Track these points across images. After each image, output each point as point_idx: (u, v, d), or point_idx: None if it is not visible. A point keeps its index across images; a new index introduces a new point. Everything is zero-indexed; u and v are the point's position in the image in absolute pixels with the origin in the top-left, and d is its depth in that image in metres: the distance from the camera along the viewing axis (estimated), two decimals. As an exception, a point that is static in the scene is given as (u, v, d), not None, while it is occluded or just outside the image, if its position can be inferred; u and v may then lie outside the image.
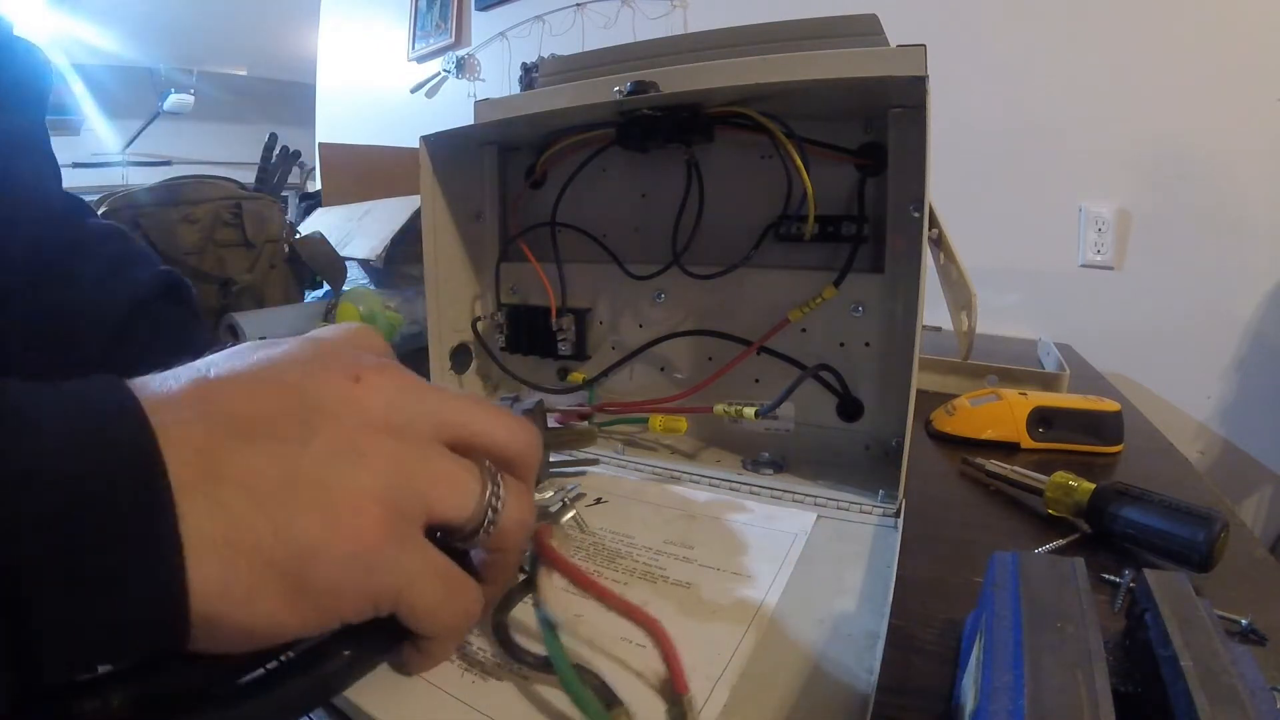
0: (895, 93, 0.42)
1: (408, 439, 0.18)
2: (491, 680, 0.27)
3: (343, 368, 0.18)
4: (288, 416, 0.17)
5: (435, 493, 0.19)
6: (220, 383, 0.17)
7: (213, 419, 0.16)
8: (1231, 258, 1.01)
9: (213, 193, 0.84)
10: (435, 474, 0.19)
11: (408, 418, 0.19)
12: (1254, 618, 0.30)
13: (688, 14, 1.51)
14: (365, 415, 0.18)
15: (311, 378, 0.18)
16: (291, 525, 0.16)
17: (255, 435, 0.16)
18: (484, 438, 0.21)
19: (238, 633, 0.16)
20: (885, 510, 0.40)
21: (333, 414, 0.17)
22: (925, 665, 0.28)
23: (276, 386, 0.17)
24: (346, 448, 0.17)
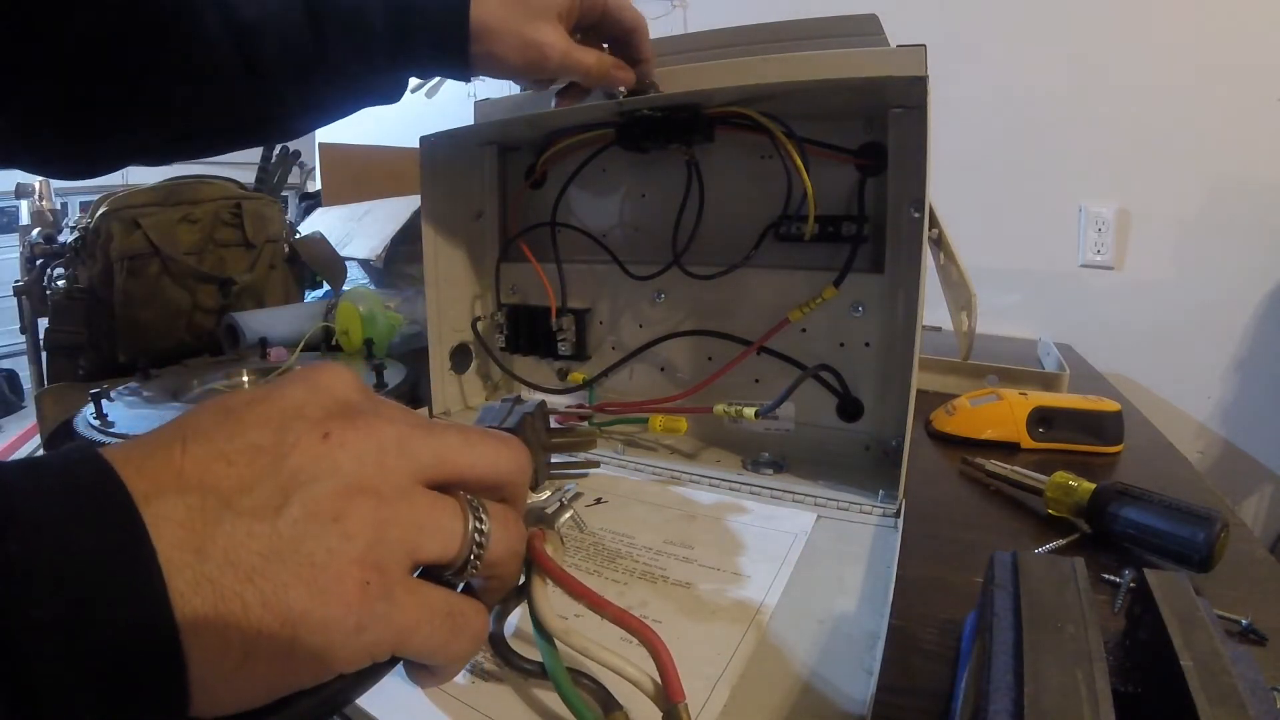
0: (895, 93, 0.42)
1: (383, 492, 0.18)
2: (491, 681, 0.27)
3: (312, 425, 0.18)
4: (264, 484, 0.17)
5: (417, 540, 0.19)
6: (197, 453, 0.17)
7: (193, 494, 0.16)
8: (1231, 258, 1.01)
9: (213, 193, 0.84)
10: (415, 522, 0.19)
11: (381, 468, 0.19)
12: (1254, 618, 0.30)
13: (688, 14, 1.50)
14: (338, 475, 0.18)
15: (283, 440, 0.18)
16: (278, 596, 0.16)
17: (235, 508, 0.16)
18: (463, 471, 0.21)
19: (234, 698, 0.16)
20: (885, 510, 0.40)
21: (307, 478, 0.17)
22: (925, 665, 0.28)
23: (250, 453, 0.17)
24: (323, 512, 0.17)
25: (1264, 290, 1.00)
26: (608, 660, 0.22)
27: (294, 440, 0.18)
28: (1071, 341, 0.99)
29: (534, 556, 0.23)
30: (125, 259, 0.78)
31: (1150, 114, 1.03)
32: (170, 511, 0.15)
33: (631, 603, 0.32)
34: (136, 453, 0.17)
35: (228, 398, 0.19)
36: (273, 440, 0.18)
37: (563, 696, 0.22)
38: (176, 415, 0.19)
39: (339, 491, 0.18)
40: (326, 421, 0.19)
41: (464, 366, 0.61)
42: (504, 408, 0.39)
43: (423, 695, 0.26)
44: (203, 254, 0.82)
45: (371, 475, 0.18)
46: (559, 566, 0.23)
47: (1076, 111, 1.07)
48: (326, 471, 0.18)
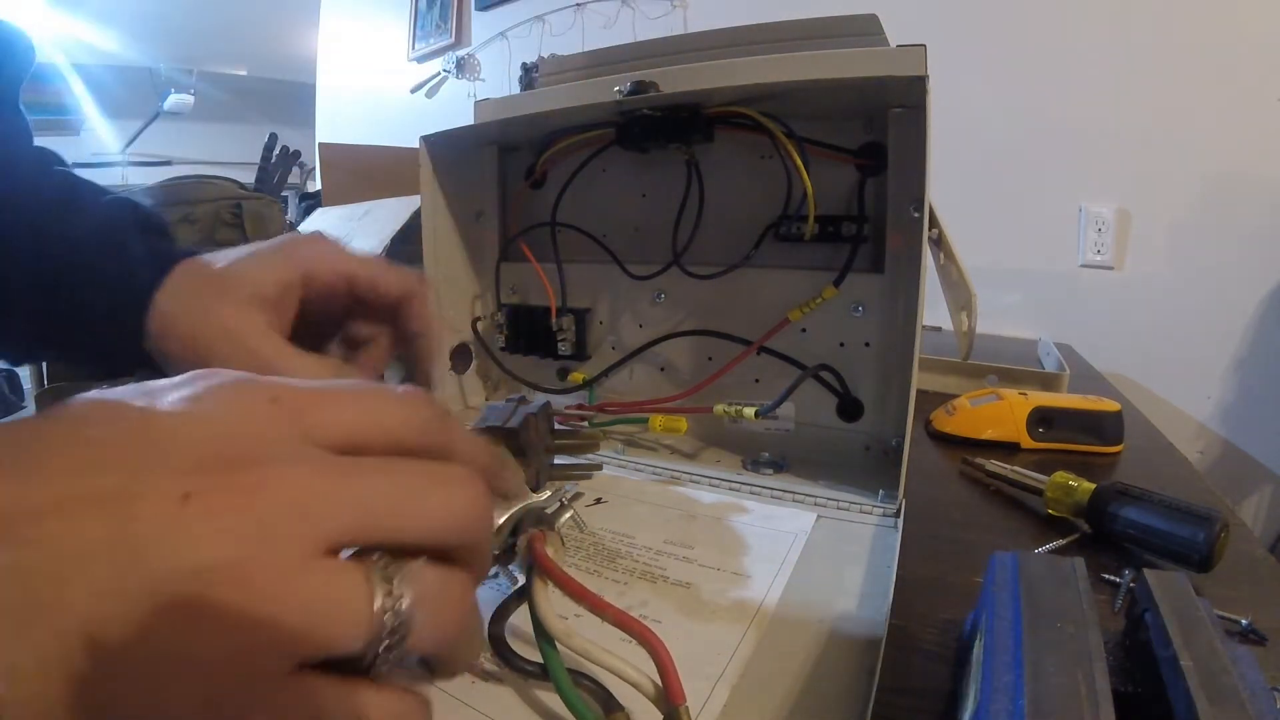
0: (895, 93, 0.42)
1: (257, 580, 0.14)
2: (491, 682, 0.27)
3: (175, 477, 0.14)
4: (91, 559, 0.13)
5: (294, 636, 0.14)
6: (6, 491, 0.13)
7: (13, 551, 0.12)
8: (1231, 258, 1.01)
9: (213, 193, 0.84)
10: (296, 611, 0.14)
11: (261, 546, 0.14)
12: (1254, 618, 0.30)
13: (688, 14, 1.51)
14: (194, 557, 0.13)
15: (128, 490, 0.13)
16: (114, 708, 0.13)
17: (39, 599, 0.12)
18: (392, 536, 0.16)
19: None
20: (885, 510, 0.40)
21: (154, 553, 0.13)
22: (925, 665, 0.28)
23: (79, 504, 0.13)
24: (171, 605, 0.13)
25: (1264, 290, 1.00)
26: (609, 663, 0.22)
27: (141, 495, 0.13)
28: (1071, 341, 0.99)
29: (535, 559, 0.23)
30: (125, 259, 0.77)
31: (1150, 114, 1.03)
32: None
33: (631, 603, 0.32)
34: None
35: (89, 404, 0.15)
36: (116, 487, 0.13)
37: (564, 698, 0.22)
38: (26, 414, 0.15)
39: (189, 579, 0.13)
40: (193, 475, 0.14)
41: (464, 366, 0.61)
42: (508, 408, 0.39)
43: (423, 695, 0.26)
44: (203, 254, 0.82)
45: (245, 558, 0.14)
46: (560, 569, 0.23)
47: (1076, 111, 1.07)
48: (177, 551, 0.13)
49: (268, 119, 2.50)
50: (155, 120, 3.27)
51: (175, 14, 3.17)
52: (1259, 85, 0.96)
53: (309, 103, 2.68)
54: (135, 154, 3.36)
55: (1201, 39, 0.98)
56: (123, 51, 3.25)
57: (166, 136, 3.39)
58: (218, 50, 3.56)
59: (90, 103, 3.30)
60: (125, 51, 3.26)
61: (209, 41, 3.45)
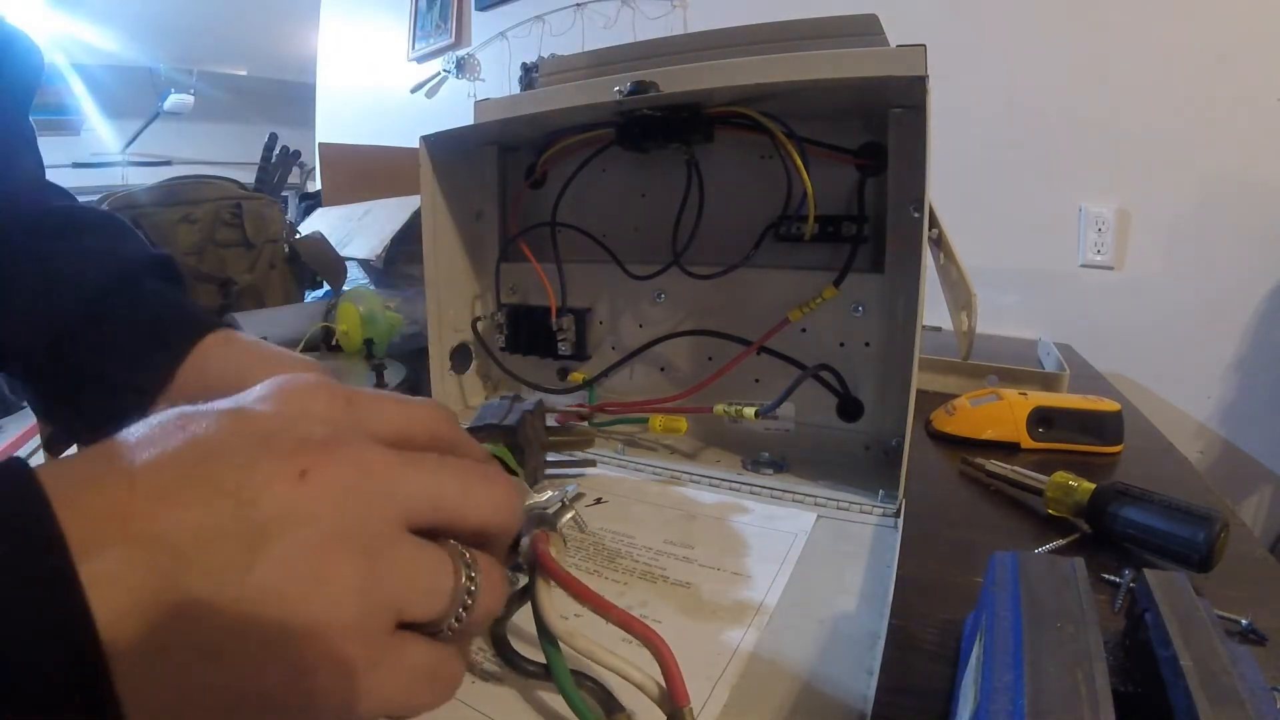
0: (895, 93, 0.42)
1: (370, 545, 0.16)
2: (492, 682, 0.27)
3: (285, 458, 0.15)
4: (227, 538, 0.14)
5: (404, 601, 0.16)
6: (147, 490, 0.14)
7: (141, 547, 0.13)
8: (1231, 257, 1.01)
9: (213, 193, 0.84)
10: (403, 581, 0.16)
11: (366, 514, 0.16)
12: (1254, 618, 0.30)
13: (688, 14, 1.50)
14: (316, 525, 0.15)
15: (250, 480, 0.15)
16: (251, 680, 0.14)
17: (193, 568, 0.14)
18: (455, 520, 0.18)
19: None
20: (885, 510, 0.40)
21: (278, 529, 0.15)
22: (925, 665, 0.28)
23: (210, 494, 0.14)
24: (301, 575, 0.15)
25: (1264, 290, 1.00)
26: (612, 664, 0.22)
27: (263, 480, 0.15)
28: (1071, 341, 0.99)
29: (538, 559, 0.23)
30: (125, 259, 0.78)
31: (1150, 114, 1.03)
32: (114, 571, 0.13)
33: (631, 602, 0.32)
34: (75, 481, 0.14)
35: (187, 413, 0.16)
36: (237, 479, 0.15)
37: (566, 698, 0.22)
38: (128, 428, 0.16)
39: (318, 547, 0.15)
40: (302, 454, 0.16)
41: (464, 366, 0.61)
42: (503, 405, 0.39)
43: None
44: (203, 254, 0.82)
45: (355, 524, 0.16)
46: (564, 570, 0.23)
47: (1076, 111, 1.07)
48: (302, 521, 0.15)
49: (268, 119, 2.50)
50: (155, 120, 3.28)
51: (175, 14, 3.17)
52: (1259, 85, 0.96)
53: (309, 103, 2.68)
54: (135, 154, 3.36)
55: (1201, 39, 0.98)
56: (123, 51, 3.25)
57: (166, 136, 3.39)
58: (218, 50, 3.56)
59: (90, 103, 3.30)
60: (125, 51, 3.25)
61: (209, 41, 3.45)
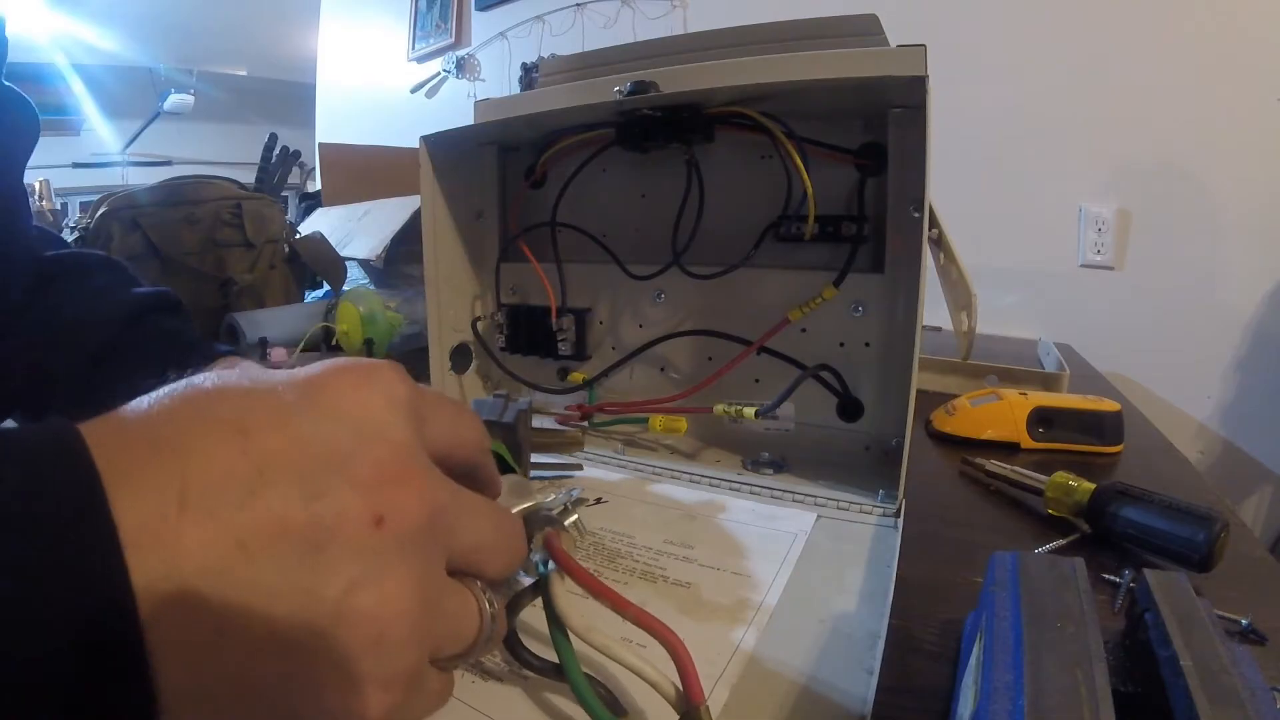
0: (895, 93, 0.42)
1: (426, 591, 0.16)
2: (493, 682, 0.27)
3: (359, 496, 0.15)
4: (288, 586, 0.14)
5: (443, 643, 0.17)
6: (198, 520, 0.13)
7: (192, 588, 0.13)
8: (1232, 258, 1.01)
9: (213, 193, 0.84)
10: (448, 623, 0.17)
11: (428, 562, 0.16)
12: (1254, 618, 0.30)
13: (688, 14, 1.50)
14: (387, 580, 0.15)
15: (319, 516, 0.14)
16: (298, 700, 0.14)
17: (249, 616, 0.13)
18: (484, 568, 0.19)
19: None
20: (885, 510, 0.40)
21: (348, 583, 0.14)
22: (925, 665, 0.28)
23: (273, 533, 0.14)
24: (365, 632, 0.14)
25: (1264, 290, 1.00)
26: (628, 660, 0.22)
27: (334, 520, 0.14)
28: (1071, 341, 0.99)
29: (554, 555, 0.23)
30: (125, 260, 0.78)
31: (1150, 114, 1.03)
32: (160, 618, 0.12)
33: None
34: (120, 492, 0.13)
35: (243, 408, 0.15)
36: (304, 516, 0.14)
37: (578, 693, 0.22)
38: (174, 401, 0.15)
39: (384, 601, 0.15)
40: (378, 491, 0.15)
41: (464, 366, 0.61)
42: (498, 403, 0.39)
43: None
44: (203, 254, 0.82)
45: (418, 572, 0.15)
46: (580, 566, 0.23)
47: (1076, 111, 1.07)
48: (374, 575, 0.14)
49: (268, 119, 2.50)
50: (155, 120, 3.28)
51: (175, 14, 3.17)
52: (1259, 85, 0.96)
53: (309, 103, 2.68)
54: (135, 154, 3.37)
55: (1201, 39, 0.98)
56: (123, 51, 3.25)
57: (166, 136, 3.39)
58: (218, 50, 3.56)
59: (90, 103, 3.30)
60: (125, 51, 3.26)
61: (209, 41, 3.45)
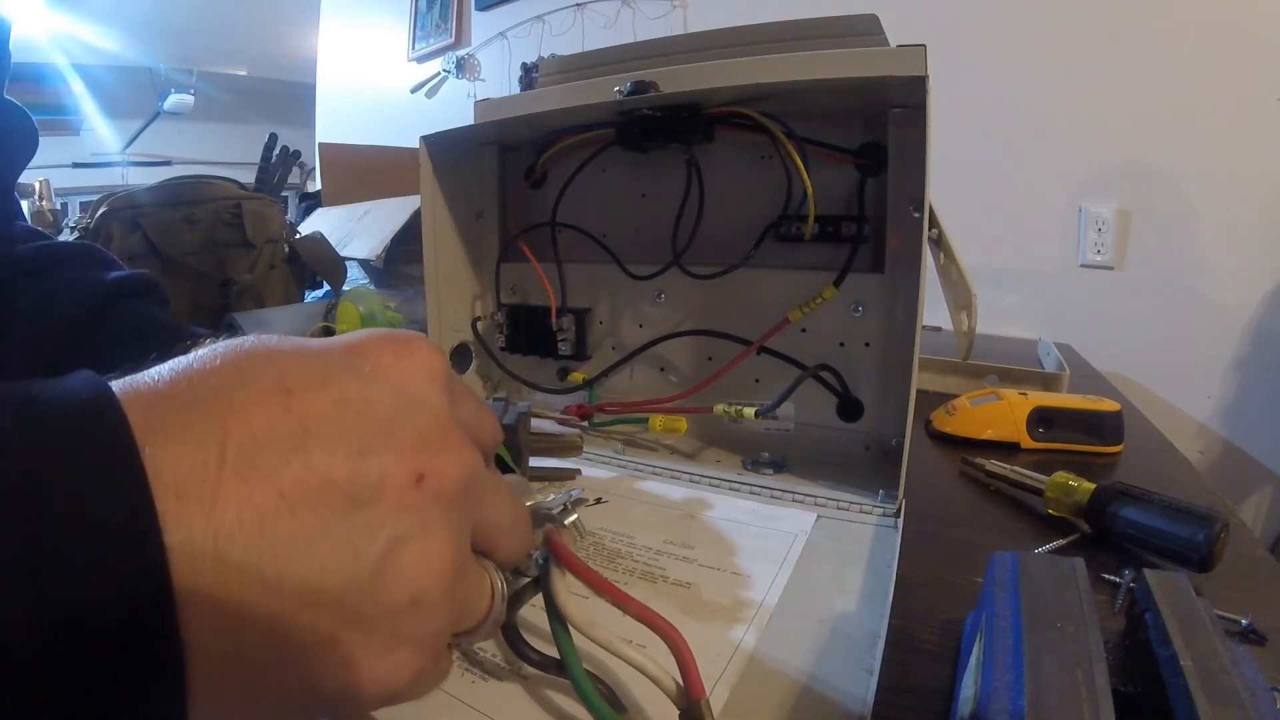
0: (895, 93, 0.42)
1: (459, 559, 0.16)
2: (492, 681, 0.27)
3: (402, 457, 0.15)
4: (329, 540, 0.14)
5: (463, 614, 0.17)
6: (240, 472, 0.13)
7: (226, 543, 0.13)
8: (1232, 258, 1.01)
9: (213, 193, 0.84)
10: (466, 602, 0.17)
11: (461, 527, 0.16)
12: (1254, 618, 0.30)
13: (688, 14, 1.51)
14: (428, 539, 0.15)
15: (362, 474, 0.14)
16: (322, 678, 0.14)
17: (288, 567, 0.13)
18: (496, 547, 0.19)
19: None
20: (885, 510, 0.40)
21: (389, 539, 0.14)
22: (925, 665, 0.28)
23: (315, 488, 0.14)
24: (404, 588, 0.14)
25: (1264, 290, 1.00)
26: (629, 655, 0.22)
27: (377, 478, 0.14)
28: (1071, 341, 0.99)
29: (554, 550, 0.23)
30: (125, 259, 0.77)
31: (1150, 114, 1.03)
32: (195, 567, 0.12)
33: (631, 603, 0.32)
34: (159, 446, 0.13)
35: (287, 368, 0.15)
36: (348, 471, 0.14)
37: (577, 685, 0.22)
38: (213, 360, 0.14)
39: (423, 561, 0.15)
40: (420, 453, 0.15)
41: (464, 366, 0.61)
42: (497, 406, 0.39)
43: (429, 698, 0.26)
44: (203, 254, 0.82)
45: (453, 538, 0.16)
46: (582, 561, 0.23)
47: (1076, 111, 1.07)
48: (415, 533, 0.15)
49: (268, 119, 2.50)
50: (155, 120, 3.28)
51: (175, 14, 3.17)
52: (1259, 85, 0.96)
53: (309, 103, 2.68)
54: (135, 154, 3.36)
55: (1201, 39, 0.98)
56: (123, 51, 3.25)
57: (166, 136, 3.39)
58: (218, 50, 3.56)
59: (90, 103, 3.30)
60: (125, 51, 3.26)
61: (209, 41, 3.45)
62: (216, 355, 0.15)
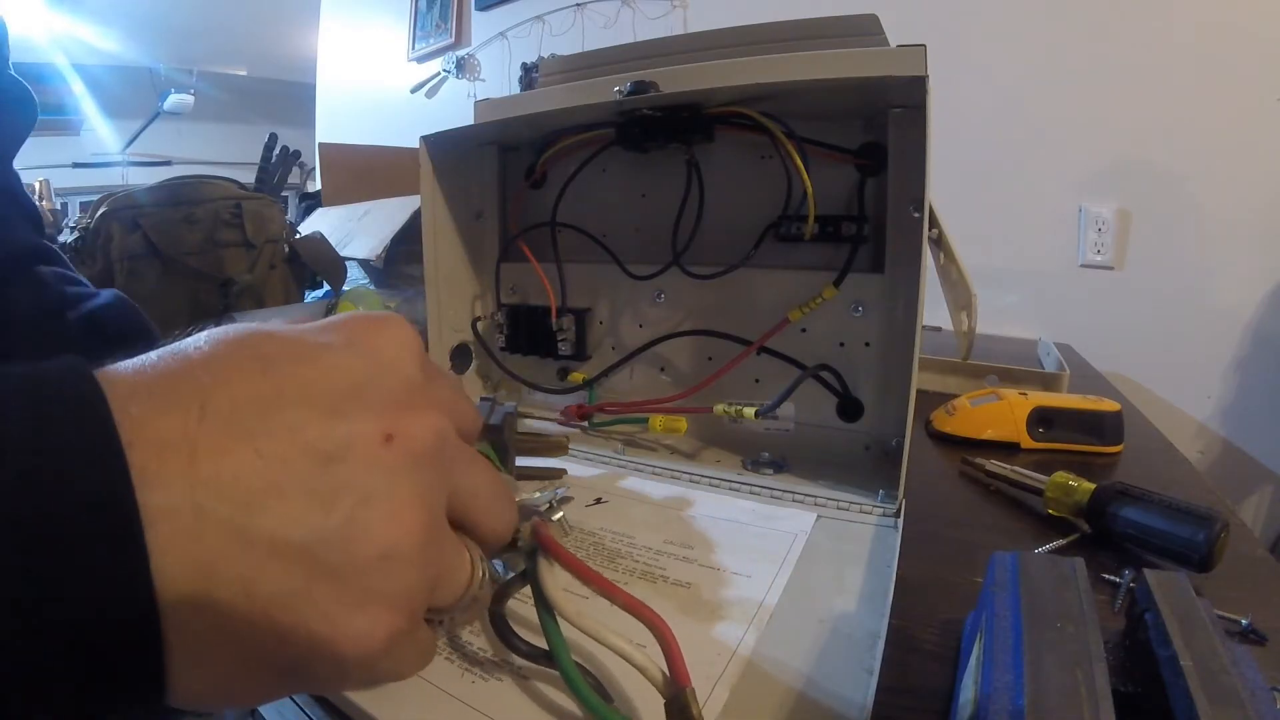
0: (895, 93, 0.42)
1: (430, 524, 0.16)
2: (492, 680, 0.27)
3: (373, 418, 0.15)
4: (299, 493, 0.14)
5: (440, 582, 0.17)
6: (217, 428, 0.14)
7: (205, 492, 0.13)
8: (1232, 258, 1.01)
9: (213, 193, 0.84)
10: (442, 570, 0.17)
11: (431, 489, 0.16)
12: (1254, 618, 0.30)
13: (688, 14, 1.51)
14: (395, 496, 0.15)
15: (332, 433, 0.15)
16: (300, 630, 0.14)
17: (258, 519, 0.14)
18: (475, 519, 0.19)
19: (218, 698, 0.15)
20: (885, 510, 0.40)
21: (359, 495, 0.15)
22: (925, 665, 0.28)
23: (288, 445, 0.14)
24: (372, 541, 0.15)
25: (1264, 290, 1.00)
26: (616, 644, 0.22)
27: (347, 437, 0.15)
28: (1071, 341, 0.99)
29: (541, 541, 0.23)
30: (125, 259, 0.78)
31: (1150, 114, 1.03)
32: (173, 515, 0.13)
33: (631, 603, 0.32)
34: (143, 407, 0.13)
35: (265, 341, 0.16)
36: (320, 430, 0.15)
37: (568, 680, 0.22)
38: (197, 339, 0.15)
39: (392, 516, 0.15)
40: (390, 414, 0.16)
41: (464, 366, 0.61)
42: (485, 406, 0.40)
43: (422, 695, 0.26)
44: (203, 254, 0.82)
45: (426, 498, 0.16)
46: (568, 551, 0.23)
47: (1076, 111, 1.07)
48: (384, 490, 0.15)
49: (268, 119, 2.50)
50: (155, 120, 3.28)
51: (175, 14, 3.17)
52: (1259, 85, 0.96)
53: (309, 103, 2.68)
54: (135, 154, 3.36)
55: (1202, 39, 0.98)
56: (123, 51, 3.25)
57: (166, 136, 3.39)
58: (218, 50, 3.56)
59: (90, 103, 3.30)
60: (125, 51, 3.26)
61: (209, 41, 3.45)
62: (200, 337, 0.16)
